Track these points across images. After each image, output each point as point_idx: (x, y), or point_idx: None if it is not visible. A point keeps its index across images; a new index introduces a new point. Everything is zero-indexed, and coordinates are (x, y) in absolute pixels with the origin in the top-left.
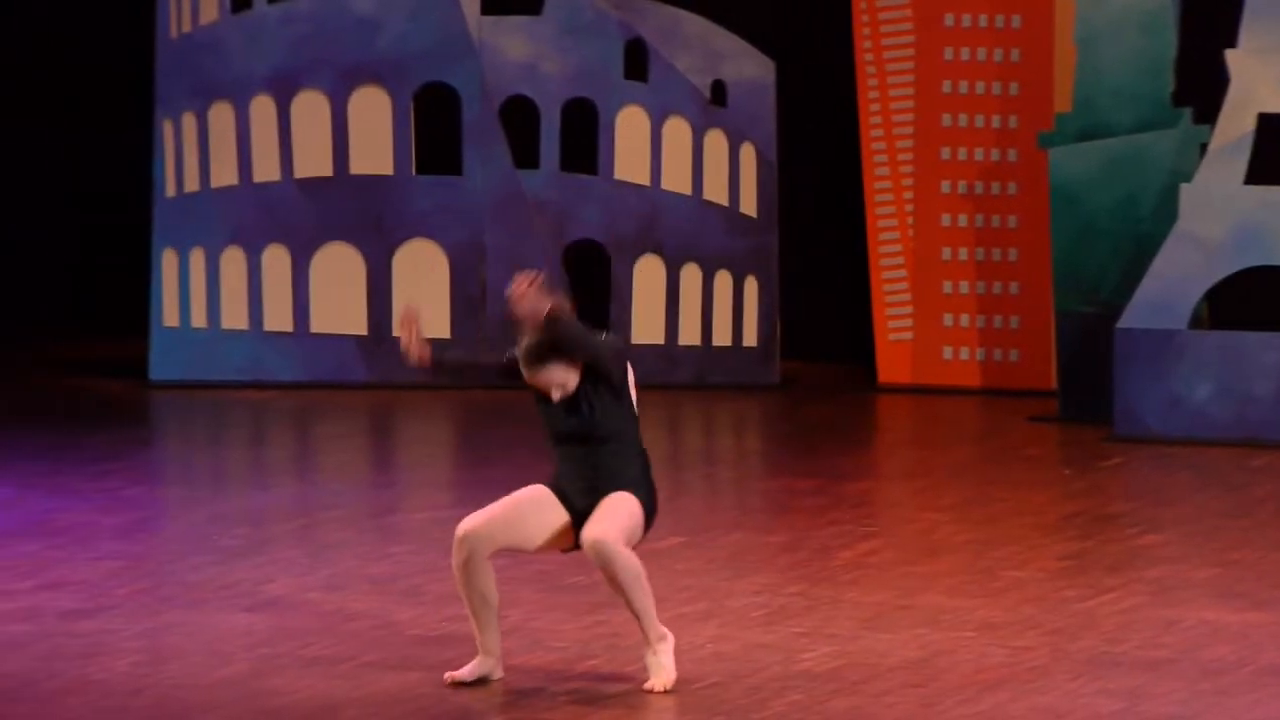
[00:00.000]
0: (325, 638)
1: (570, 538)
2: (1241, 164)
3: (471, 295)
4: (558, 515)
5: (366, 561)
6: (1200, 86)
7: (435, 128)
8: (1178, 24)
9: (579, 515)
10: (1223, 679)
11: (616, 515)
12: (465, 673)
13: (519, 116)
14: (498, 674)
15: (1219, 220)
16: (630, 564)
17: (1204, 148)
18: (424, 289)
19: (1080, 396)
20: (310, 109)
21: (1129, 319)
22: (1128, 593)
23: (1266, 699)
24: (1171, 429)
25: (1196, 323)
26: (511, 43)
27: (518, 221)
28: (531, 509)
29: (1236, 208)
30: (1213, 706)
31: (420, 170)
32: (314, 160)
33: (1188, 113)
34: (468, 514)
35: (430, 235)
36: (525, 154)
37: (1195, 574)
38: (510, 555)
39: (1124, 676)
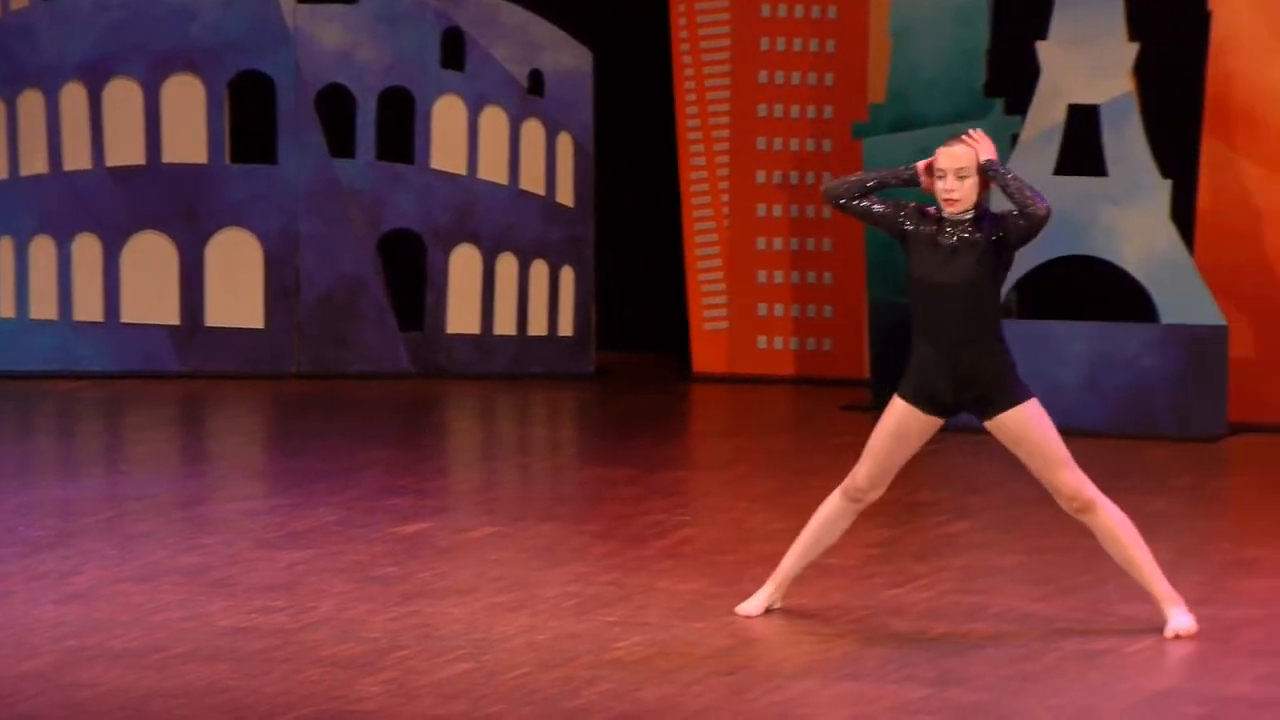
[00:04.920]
0: (134, 629)
1: (936, 429)
2: (1052, 154)
3: (286, 284)
4: (926, 430)
5: (176, 552)
6: (1011, 77)
7: (249, 116)
8: (990, 15)
9: (950, 409)
10: (1028, 665)
11: (1053, 447)
12: (755, 605)
13: (335, 105)
14: (778, 604)
15: None
16: (1120, 518)
17: (1015, 138)
18: (237, 278)
19: (891, 385)
20: (122, 97)
21: None
22: (935, 580)
23: (1070, 684)
24: None
25: (1005, 312)
26: (327, 31)
27: (333, 211)
28: (901, 446)
29: (1046, 197)
30: (1018, 692)
31: (234, 159)
32: (126, 149)
33: (999, 104)
34: (276, 505)
35: (244, 224)
36: (341, 143)
37: (1002, 561)
38: (318, 546)
39: (931, 663)
